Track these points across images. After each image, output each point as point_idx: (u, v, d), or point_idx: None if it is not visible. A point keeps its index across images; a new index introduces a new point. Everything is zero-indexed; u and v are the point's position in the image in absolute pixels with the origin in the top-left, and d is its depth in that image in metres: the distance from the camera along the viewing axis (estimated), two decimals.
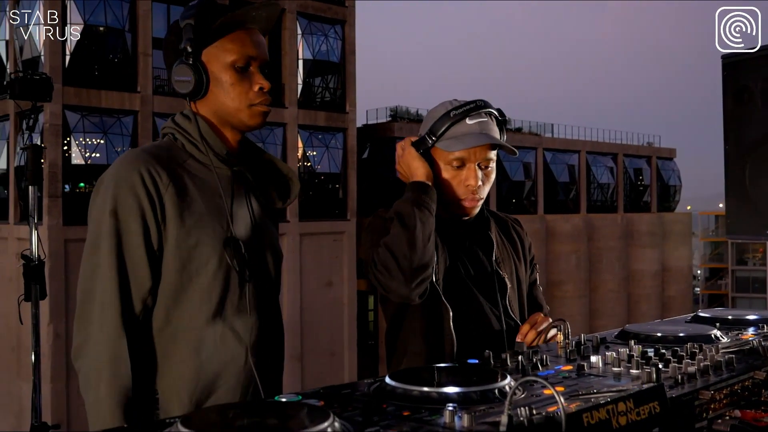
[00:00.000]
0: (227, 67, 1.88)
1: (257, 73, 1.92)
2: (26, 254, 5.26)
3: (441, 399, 1.34)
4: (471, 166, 2.15)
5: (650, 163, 39.65)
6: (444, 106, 2.19)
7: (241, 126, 1.94)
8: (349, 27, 26.59)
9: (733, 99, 2.89)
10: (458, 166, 2.15)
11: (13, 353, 20.22)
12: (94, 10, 20.60)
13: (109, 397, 1.71)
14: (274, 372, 1.97)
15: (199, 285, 1.80)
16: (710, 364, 1.61)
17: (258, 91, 1.91)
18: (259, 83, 1.91)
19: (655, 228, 38.08)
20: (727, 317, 2.28)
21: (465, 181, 2.15)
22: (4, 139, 21.60)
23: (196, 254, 1.79)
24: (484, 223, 2.32)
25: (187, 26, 1.86)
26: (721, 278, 60.86)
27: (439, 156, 2.16)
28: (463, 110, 2.14)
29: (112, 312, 1.73)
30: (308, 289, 24.59)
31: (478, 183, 2.16)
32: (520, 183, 32.99)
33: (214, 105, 1.90)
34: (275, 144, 24.12)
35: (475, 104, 2.15)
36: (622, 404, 1.24)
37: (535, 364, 1.64)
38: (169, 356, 1.81)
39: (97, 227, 1.77)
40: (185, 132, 1.90)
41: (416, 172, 2.12)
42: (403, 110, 31.65)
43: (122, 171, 1.78)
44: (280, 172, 2.10)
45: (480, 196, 2.20)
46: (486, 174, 2.19)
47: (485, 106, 2.17)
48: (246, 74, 1.90)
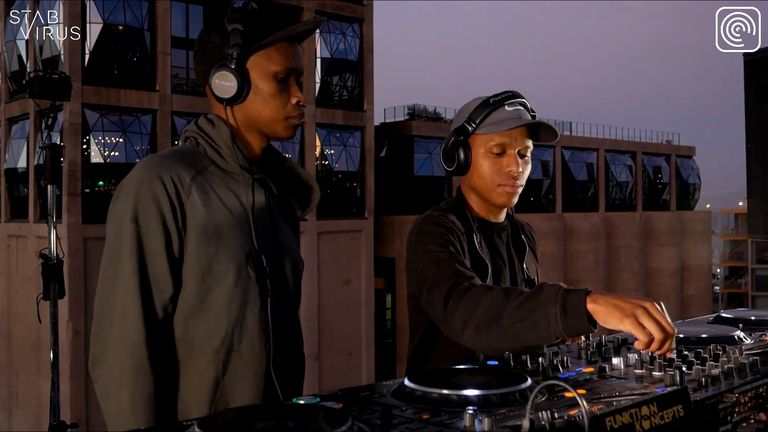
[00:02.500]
0: (270, 77, 1.86)
1: (295, 86, 1.90)
2: (45, 253, 5.29)
3: (461, 402, 1.32)
4: (511, 152, 2.16)
5: (669, 161, 39.42)
6: (478, 98, 2.21)
7: (272, 135, 1.93)
8: (366, 25, 26.60)
9: (756, 97, 2.86)
10: (498, 153, 2.15)
11: (32, 351, 20.40)
12: (114, 9, 20.73)
13: (131, 406, 1.69)
14: (293, 384, 1.96)
15: (219, 295, 1.78)
16: (734, 366, 1.58)
17: (295, 105, 1.89)
18: (297, 96, 1.89)
19: (674, 226, 37.84)
20: (750, 318, 2.25)
21: (506, 168, 2.15)
22: (24, 138, 21.78)
23: (215, 264, 1.77)
24: (516, 226, 2.33)
25: (235, 31, 1.83)
26: (741, 277, 60.38)
27: (479, 143, 2.17)
28: (501, 97, 2.16)
29: (134, 318, 1.71)
30: (326, 287, 24.62)
31: (519, 169, 2.16)
32: (539, 181, 32.87)
33: (249, 112, 1.88)
34: (293, 143, 24.18)
35: (511, 93, 2.18)
36: (645, 408, 1.22)
37: (555, 366, 1.62)
38: (188, 367, 1.79)
39: (118, 233, 1.75)
40: (208, 137, 1.88)
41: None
42: (420, 108, 31.63)
43: (143, 176, 1.76)
44: (300, 180, 2.08)
45: (520, 183, 2.19)
46: (525, 162, 2.19)
47: (520, 96, 2.20)
48: (285, 86, 1.88)
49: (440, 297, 1.90)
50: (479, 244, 2.15)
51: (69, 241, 18.29)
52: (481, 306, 1.79)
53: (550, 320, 1.65)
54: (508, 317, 1.73)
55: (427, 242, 2.04)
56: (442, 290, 1.90)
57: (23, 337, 20.80)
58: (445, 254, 1.99)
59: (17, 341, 21.39)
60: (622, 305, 1.58)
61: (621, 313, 1.57)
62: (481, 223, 2.21)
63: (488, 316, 1.77)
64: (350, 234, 25.66)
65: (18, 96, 21.80)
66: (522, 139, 2.17)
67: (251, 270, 1.80)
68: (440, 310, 1.89)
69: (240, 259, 1.79)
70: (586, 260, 33.48)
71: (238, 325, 1.80)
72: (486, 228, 2.22)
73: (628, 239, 35.70)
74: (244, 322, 1.81)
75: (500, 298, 1.77)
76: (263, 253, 1.83)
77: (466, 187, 2.25)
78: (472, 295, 1.84)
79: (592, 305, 1.61)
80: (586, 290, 1.65)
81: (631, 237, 35.92)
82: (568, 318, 1.63)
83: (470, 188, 2.23)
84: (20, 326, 20.86)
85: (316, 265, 24.25)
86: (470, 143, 2.18)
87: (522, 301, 1.72)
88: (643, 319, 1.55)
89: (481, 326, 1.78)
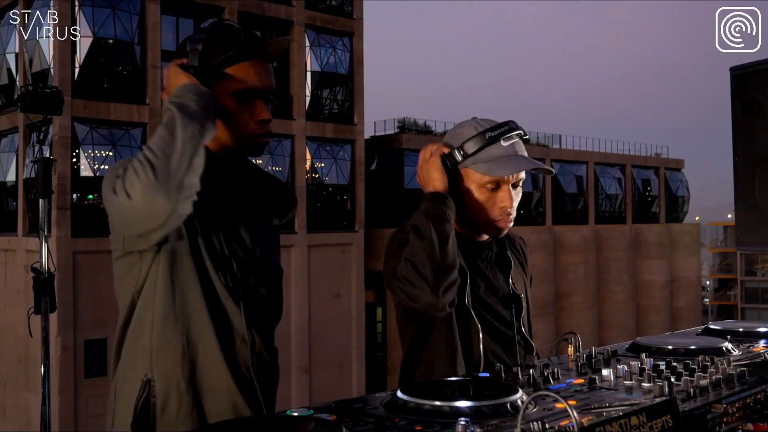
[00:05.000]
0: (229, 95, 1.87)
1: (260, 105, 1.90)
2: (36, 267, 5.28)
3: (453, 413, 1.33)
4: (506, 187, 2.14)
5: (658, 174, 39.56)
6: (472, 125, 2.17)
7: (240, 153, 1.95)
8: (357, 39, 26.66)
9: (742, 111, 2.89)
10: (493, 189, 2.13)
11: (21, 365, 20.26)
12: (104, 22, 20.71)
13: None
14: (268, 391, 1.94)
15: (190, 303, 1.80)
16: (722, 377, 1.60)
17: (258, 124, 1.90)
18: (260, 116, 1.90)
19: (663, 239, 37.95)
20: (738, 329, 2.27)
21: (500, 203, 2.13)
22: (14, 152, 21.69)
23: (187, 269, 1.80)
24: (501, 243, 2.32)
25: (194, 52, 1.85)
26: (731, 289, 60.59)
27: (471, 177, 2.14)
28: (498, 132, 2.11)
29: None
30: (316, 300, 24.57)
31: (513, 204, 2.16)
32: (528, 194, 32.91)
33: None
34: (283, 156, 24.18)
35: (509, 127, 2.13)
36: (634, 418, 1.24)
37: (546, 377, 1.64)
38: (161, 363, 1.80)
39: None
40: None
41: (434, 183, 2.10)
42: (410, 122, 31.68)
43: None
44: (277, 188, 2.09)
45: (513, 216, 2.19)
46: (517, 193, 2.18)
47: (517, 128, 2.15)
48: (248, 105, 1.89)
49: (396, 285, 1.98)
50: None
51: (58, 255, 18.17)
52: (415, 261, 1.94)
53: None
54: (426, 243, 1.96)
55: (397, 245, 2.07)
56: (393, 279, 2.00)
57: (11, 350, 20.65)
58: None
59: (5, 355, 21.24)
60: None
61: None
62: (462, 240, 2.16)
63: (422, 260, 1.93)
64: (340, 247, 25.63)
65: (7, 110, 21.74)
66: (517, 174, 2.15)
67: (220, 275, 1.82)
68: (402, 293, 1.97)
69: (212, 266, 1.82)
70: (576, 273, 33.51)
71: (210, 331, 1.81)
72: (466, 244, 2.19)
73: (617, 252, 35.77)
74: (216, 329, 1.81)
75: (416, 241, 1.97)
76: (235, 260, 1.85)
77: None
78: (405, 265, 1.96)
79: None
80: None
81: (621, 249, 35.99)
82: None
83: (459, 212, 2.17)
84: (8, 340, 20.71)
85: (306, 279, 24.21)
86: (462, 174, 2.15)
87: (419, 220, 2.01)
88: None
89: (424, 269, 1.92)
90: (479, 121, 2.18)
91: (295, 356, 23.55)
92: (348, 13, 26.52)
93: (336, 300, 25.33)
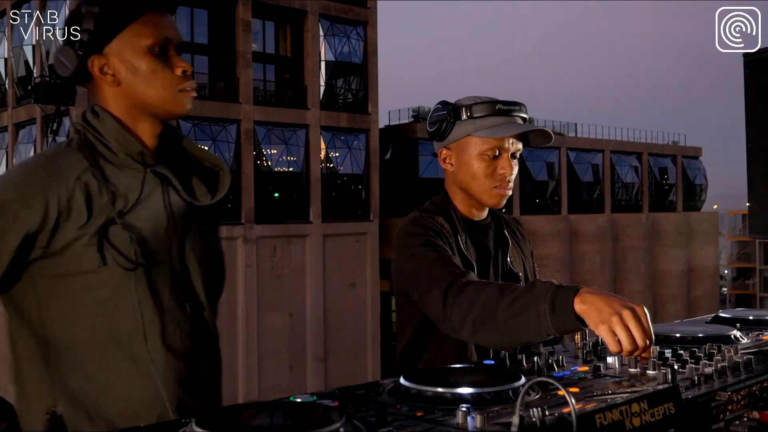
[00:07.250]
0: (144, 52, 1.70)
1: (177, 56, 1.76)
2: None
3: (454, 399, 1.34)
4: (505, 155, 2.19)
5: (675, 162, 39.35)
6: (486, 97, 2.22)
7: (166, 115, 1.76)
8: (371, 28, 26.64)
9: (755, 97, 2.87)
10: (494, 156, 2.18)
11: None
12: None
13: None
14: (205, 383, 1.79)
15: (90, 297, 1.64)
16: (728, 365, 1.60)
17: (182, 75, 1.74)
18: (181, 66, 1.75)
19: (680, 227, 37.77)
20: (748, 317, 2.26)
21: (500, 170, 2.19)
22: (32, 143, 21.85)
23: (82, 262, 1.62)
24: (498, 223, 2.35)
25: (89, 14, 1.68)
26: (749, 278, 60.21)
27: (474, 145, 2.19)
28: (508, 108, 2.19)
29: None
30: (331, 290, 24.65)
31: (512, 171, 2.21)
32: (544, 183, 32.86)
33: (134, 96, 1.72)
34: (298, 146, 24.22)
35: (519, 107, 2.21)
36: (636, 405, 1.24)
37: (551, 365, 1.64)
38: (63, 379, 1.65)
39: None
40: (95, 131, 1.71)
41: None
42: (425, 110, 31.64)
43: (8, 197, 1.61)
44: (206, 164, 1.87)
45: (512, 185, 2.24)
46: (515, 163, 2.23)
47: (526, 112, 2.24)
48: (166, 59, 1.73)
49: (438, 295, 1.90)
50: (464, 244, 2.18)
51: None
52: (477, 302, 1.81)
53: (540, 317, 1.66)
54: (502, 313, 1.74)
55: (417, 244, 2.07)
56: (441, 288, 1.90)
57: None
58: (436, 254, 2.01)
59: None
60: (603, 308, 1.58)
61: (598, 316, 1.58)
62: (467, 223, 2.24)
63: (484, 312, 1.78)
64: (355, 236, 25.68)
65: (25, 101, 21.88)
66: (516, 143, 2.21)
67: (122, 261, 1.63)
68: (439, 308, 1.90)
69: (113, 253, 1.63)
70: (592, 262, 33.43)
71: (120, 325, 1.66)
72: (471, 227, 2.25)
73: (634, 241, 35.64)
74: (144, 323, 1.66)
75: (495, 295, 1.78)
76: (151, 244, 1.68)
77: (454, 187, 2.26)
78: (468, 292, 1.85)
79: (579, 305, 1.62)
80: (576, 287, 1.65)
81: (638, 238, 35.85)
82: (557, 316, 1.64)
83: (460, 187, 2.24)
84: None
85: (321, 268, 24.29)
86: (463, 144, 2.21)
87: (515, 297, 1.73)
88: (617, 327, 1.55)
89: (478, 322, 1.80)
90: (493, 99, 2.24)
91: (311, 346, 23.66)
92: (362, 2, 26.50)
93: (351, 289, 25.40)
